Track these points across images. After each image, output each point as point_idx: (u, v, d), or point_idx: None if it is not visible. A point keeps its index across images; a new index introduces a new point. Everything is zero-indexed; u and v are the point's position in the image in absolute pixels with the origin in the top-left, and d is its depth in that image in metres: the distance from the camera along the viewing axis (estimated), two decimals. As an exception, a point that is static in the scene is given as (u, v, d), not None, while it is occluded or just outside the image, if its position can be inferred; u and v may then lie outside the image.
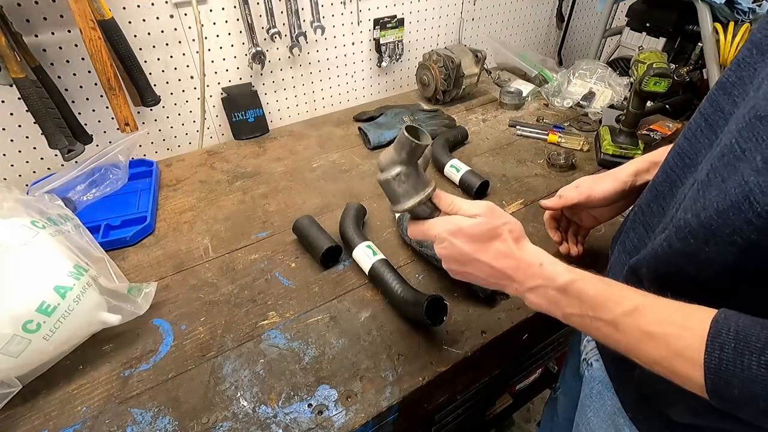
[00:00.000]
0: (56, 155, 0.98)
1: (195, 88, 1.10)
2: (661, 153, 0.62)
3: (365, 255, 0.73)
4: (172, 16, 0.99)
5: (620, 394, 0.54)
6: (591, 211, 0.70)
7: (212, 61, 1.09)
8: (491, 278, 0.48)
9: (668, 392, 0.45)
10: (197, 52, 1.03)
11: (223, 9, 1.03)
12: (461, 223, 0.49)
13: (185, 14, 1.00)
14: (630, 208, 0.59)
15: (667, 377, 0.37)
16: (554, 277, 0.45)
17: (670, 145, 0.61)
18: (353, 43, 1.27)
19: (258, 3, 1.05)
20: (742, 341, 0.32)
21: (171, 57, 1.03)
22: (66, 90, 0.94)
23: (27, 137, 0.96)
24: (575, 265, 0.45)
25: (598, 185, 0.65)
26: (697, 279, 0.39)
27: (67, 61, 0.93)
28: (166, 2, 0.97)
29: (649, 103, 1.03)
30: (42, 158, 1.00)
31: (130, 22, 0.95)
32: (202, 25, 1.01)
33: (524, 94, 1.30)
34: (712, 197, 0.36)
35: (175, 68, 1.05)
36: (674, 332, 0.36)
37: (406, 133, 0.47)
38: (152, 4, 0.96)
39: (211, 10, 1.02)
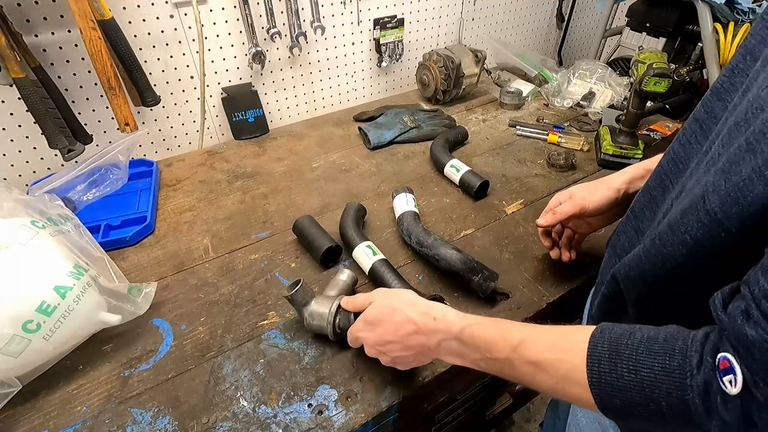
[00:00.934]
0: (56, 155, 0.98)
1: (195, 88, 1.10)
2: (656, 160, 0.62)
3: (365, 255, 0.73)
4: (172, 16, 0.99)
5: None
6: (586, 220, 0.70)
7: (212, 61, 1.09)
8: (415, 356, 0.50)
9: None
10: (197, 52, 1.03)
11: (223, 9, 1.03)
12: (362, 318, 0.54)
13: (185, 14, 1.00)
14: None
15: (570, 402, 0.39)
16: (449, 328, 0.47)
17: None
18: (353, 43, 1.27)
19: (258, 3, 1.05)
20: (614, 351, 0.34)
21: (171, 57, 1.03)
22: (66, 90, 0.94)
23: (27, 137, 0.96)
24: (563, 274, 0.47)
25: (592, 195, 0.64)
26: (654, 283, 0.40)
27: (67, 61, 0.93)
28: (166, 2, 0.97)
29: (649, 103, 1.03)
30: (42, 158, 1.00)
31: (130, 22, 0.95)
32: (202, 25, 1.01)
33: (524, 94, 1.30)
34: (683, 200, 0.37)
35: (175, 68, 1.05)
36: (558, 357, 0.38)
37: (284, 295, 0.62)
38: (152, 4, 0.96)
39: (211, 10, 1.02)
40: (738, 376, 0.28)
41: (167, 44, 1.02)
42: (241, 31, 1.08)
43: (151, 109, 1.07)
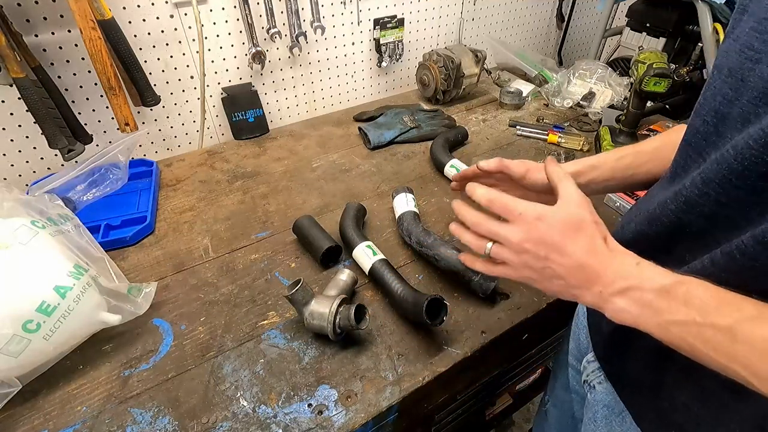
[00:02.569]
0: (56, 155, 0.98)
1: (195, 88, 1.10)
2: (605, 156, 0.58)
3: (365, 255, 0.73)
4: (172, 16, 0.99)
5: (640, 423, 0.49)
6: (521, 191, 0.62)
7: (212, 61, 1.09)
8: (571, 276, 0.41)
9: (707, 417, 0.40)
10: (197, 52, 1.03)
11: (223, 9, 1.03)
12: (547, 210, 0.43)
13: (185, 14, 1.00)
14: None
15: None
16: (653, 277, 0.38)
17: (631, 147, 0.58)
18: (353, 43, 1.27)
19: (258, 3, 1.05)
20: None
21: (171, 57, 1.03)
22: (66, 90, 0.94)
23: (27, 137, 0.96)
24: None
25: (537, 171, 0.58)
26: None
27: (67, 61, 0.93)
28: (166, 2, 0.97)
29: (649, 103, 1.03)
30: (42, 158, 1.00)
31: (130, 22, 0.95)
32: (202, 25, 1.01)
33: (524, 94, 1.30)
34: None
35: (175, 68, 1.05)
36: None
37: (285, 294, 0.63)
38: (152, 4, 0.96)
39: (211, 10, 1.02)
40: None
41: (167, 44, 1.02)
42: (241, 31, 1.08)
43: (151, 109, 1.07)
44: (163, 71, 1.04)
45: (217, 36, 1.06)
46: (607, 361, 0.55)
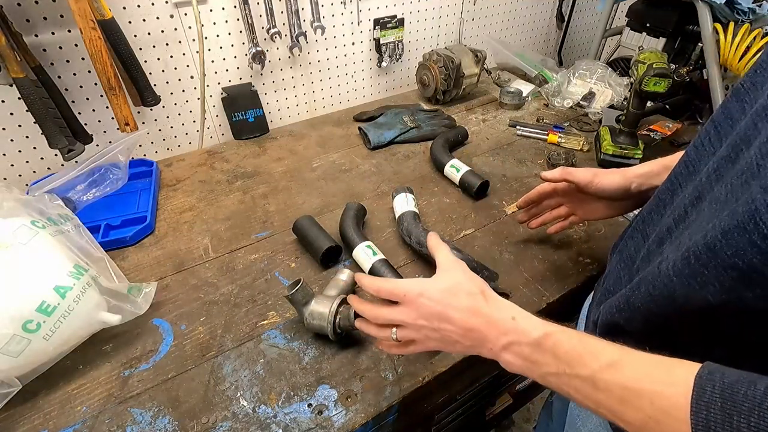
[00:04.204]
0: (56, 155, 0.98)
1: (195, 88, 1.10)
2: (675, 158, 0.60)
3: (365, 255, 0.73)
4: (172, 16, 0.99)
5: None
6: (588, 203, 0.68)
7: (212, 61, 1.09)
8: (465, 339, 0.45)
9: None
10: (197, 52, 1.03)
11: (223, 9, 1.03)
12: (426, 284, 0.47)
13: (185, 14, 1.00)
14: (634, 215, 0.57)
15: None
16: (527, 332, 0.42)
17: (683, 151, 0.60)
18: (353, 43, 1.27)
19: (258, 3, 1.04)
20: (729, 401, 0.29)
21: (171, 57, 1.03)
22: (66, 90, 0.94)
23: (27, 137, 0.96)
24: (563, 274, 0.44)
25: (605, 175, 0.63)
26: (684, 306, 0.37)
27: (67, 61, 0.93)
28: (166, 2, 0.97)
29: (649, 103, 1.03)
30: (42, 158, 1.00)
31: (130, 22, 0.95)
32: (202, 25, 1.01)
33: (524, 94, 1.30)
34: (723, 217, 0.33)
35: (175, 68, 1.05)
36: (657, 389, 0.32)
37: (285, 294, 0.63)
38: (152, 4, 0.96)
39: (211, 10, 1.02)
40: None
41: (167, 44, 1.02)
42: (241, 31, 1.08)
43: (151, 109, 1.07)
44: (163, 71, 1.04)
45: (217, 36, 1.06)
46: None
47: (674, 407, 0.31)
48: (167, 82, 1.06)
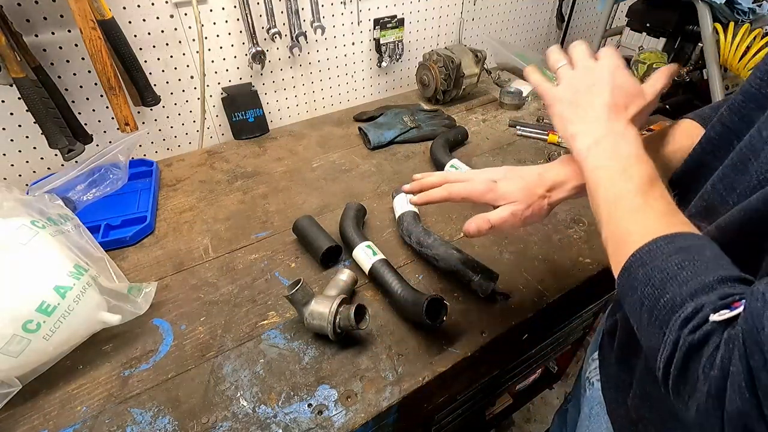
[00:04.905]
0: (56, 155, 0.98)
1: (195, 88, 1.10)
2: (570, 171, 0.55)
3: (365, 255, 0.73)
4: (172, 16, 0.99)
5: (612, 416, 0.53)
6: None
7: (212, 61, 1.09)
8: (614, 94, 0.46)
9: (655, 421, 0.43)
10: (197, 52, 1.03)
11: (223, 9, 1.03)
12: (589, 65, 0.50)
13: (185, 14, 1.00)
14: None
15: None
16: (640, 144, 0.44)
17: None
18: (353, 43, 1.27)
19: (258, 3, 1.05)
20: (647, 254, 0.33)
21: (171, 57, 1.03)
22: (66, 90, 0.94)
23: (27, 137, 0.96)
24: (563, 274, 0.44)
25: (537, 212, 0.53)
26: None
27: (67, 61, 0.93)
28: (166, 2, 0.97)
29: (649, 103, 1.03)
30: (42, 158, 1.00)
31: (130, 22, 0.95)
32: (202, 25, 1.01)
33: (524, 94, 1.30)
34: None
35: (175, 68, 1.05)
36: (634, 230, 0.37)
37: (285, 294, 0.63)
38: (152, 4, 0.96)
39: (211, 10, 1.02)
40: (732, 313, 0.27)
41: (167, 44, 1.02)
42: (241, 31, 1.08)
43: (151, 109, 1.07)
44: (163, 71, 1.04)
45: (217, 36, 1.06)
46: (601, 359, 0.58)
47: (626, 244, 0.36)
48: (167, 82, 1.06)
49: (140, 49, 0.98)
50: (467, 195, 0.55)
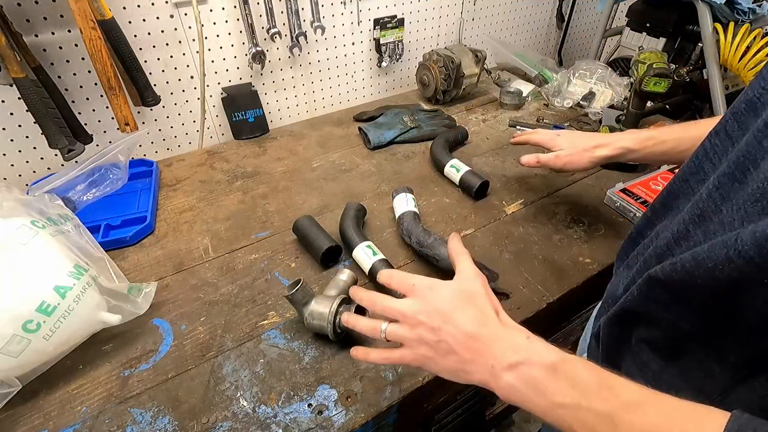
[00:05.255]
0: (56, 155, 0.98)
1: (195, 88, 1.10)
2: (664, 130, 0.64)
3: (365, 255, 0.73)
4: (172, 16, 0.99)
5: None
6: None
7: (212, 61, 1.09)
8: (463, 349, 0.40)
9: None
10: (197, 52, 1.03)
11: (223, 9, 1.03)
12: (440, 282, 0.44)
13: (185, 14, 1.00)
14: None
15: None
16: (542, 353, 0.37)
17: (667, 125, 0.62)
18: (353, 43, 1.27)
19: (258, 3, 1.05)
20: None
21: (171, 57, 1.03)
22: (66, 90, 0.94)
23: (27, 137, 0.96)
24: (563, 274, 0.42)
25: (575, 160, 0.73)
26: (703, 287, 0.34)
27: (67, 61, 0.93)
28: (166, 2, 0.97)
29: (649, 103, 1.03)
30: (42, 158, 1.00)
31: (130, 22, 0.95)
32: (202, 25, 1.01)
33: (524, 94, 1.30)
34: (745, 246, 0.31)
35: (175, 68, 1.05)
36: None
37: (285, 294, 0.63)
38: (152, 4, 0.96)
39: (211, 10, 1.02)
40: None
41: (167, 44, 1.02)
42: (241, 31, 1.08)
43: (151, 109, 1.07)
44: (163, 71, 1.04)
45: (217, 36, 1.06)
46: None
47: None
48: (167, 82, 1.06)
49: (140, 49, 0.98)
50: (539, 140, 0.83)
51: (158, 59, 1.02)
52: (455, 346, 0.40)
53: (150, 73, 0.99)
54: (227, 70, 1.12)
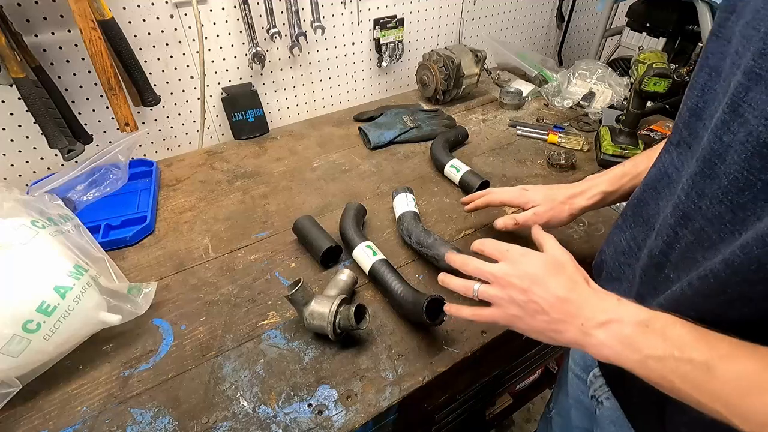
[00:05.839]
0: (56, 155, 0.98)
1: (195, 88, 1.10)
2: (629, 171, 0.63)
3: (365, 255, 0.73)
4: (172, 16, 0.99)
5: None
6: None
7: (212, 61, 1.09)
8: (554, 310, 0.42)
9: None
10: (197, 52, 1.03)
11: (223, 9, 1.03)
12: (532, 252, 0.47)
13: (185, 14, 1.00)
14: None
15: None
16: (633, 312, 0.38)
17: (641, 158, 0.62)
18: (353, 43, 1.27)
19: (258, 3, 1.05)
20: None
21: (171, 57, 1.03)
22: (66, 90, 0.94)
23: (27, 137, 0.96)
24: None
25: (557, 215, 0.67)
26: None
27: (67, 61, 0.93)
28: (166, 2, 0.97)
29: (649, 103, 1.03)
30: (42, 158, 1.00)
31: (130, 22, 0.95)
32: (202, 25, 1.01)
33: (524, 94, 1.30)
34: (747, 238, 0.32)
35: (175, 68, 1.05)
36: None
37: (285, 294, 0.63)
38: (152, 4, 0.96)
39: (211, 10, 1.02)
40: None
41: (167, 44, 1.02)
42: (241, 31, 1.08)
43: (151, 109, 1.07)
44: (163, 71, 1.04)
45: (217, 36, 1.06)
46: (613, 378, 0.55)
47: None
48: (167, 82, 1.06)
49: (140, 49, 0.98)
50: (504, 199, 0.73)
51: (158, 59, 1.02)
52: (546, 307, 0.42)
53: (150, 73, 0.99)
54: (227, 70, 1.12)
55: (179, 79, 1.07)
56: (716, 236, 0.35)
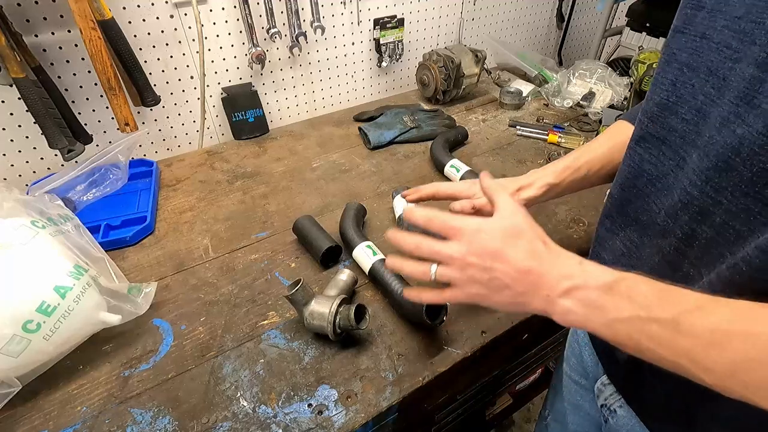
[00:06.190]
0: (56, 155, 0.98)
1: (195, 88, 1.10)
2: (573, 162, 0.62)
3: (365, 255, 0.73)
4: (172, 16, 0.99)
5: None
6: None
7: (212, 61, 1.09)
8: (517, 283, 0.41)
9: None
10: (197, 52, 1.03)
11: (223, 9, 1.03)
12: (484, 221, 0.44)
13: (185, 14, 1.00)
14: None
15: (743, 393, 0.30)
16: (596, 275, 0.38)
17: (584, 153, 0.62)
18: (353, 43, 1.27)
19: (258, 3, 1.05)
20: None
21: (171, 57, 1.03)
22: (66, 90, 0.94)
23: (27, 137, 0.96)
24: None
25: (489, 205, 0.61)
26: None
27: (67, 61, 0.93)
28: (166, 2, 0.97)
29: (649, 103, 1.03)
30: (42, 158, 1.00)
31: (130, 22, 0.95)
32: (202, 25, 1.01)
33: (524, 94, 1.30)
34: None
35: (175, 68, 1.05)
36: (756, 329, 0.29)
37: (285, 294, 0.63)
38: (152, 4, 0.96)
39: (211, 10, 1.02)
40: None
41: (167, 44, 1.02)
42: (241, 31, 1.08)
43: (151, 109, 1.07)
44: (163, 71, 1.04)
45: (217, 36, 1.06)
46: (626, 386, 0.53)
47: None
48: (167, 82, 1.06)
49: (140, 49, 0.98)
50: (453, 191, 0.67)
51: (158, 59, 1.02)
52: (509, 282, 0.41)
53: (150, 73, 0.99)
54: (227, 70, 1.12)
55: (179, 79, 1.07)
56: (745, 229, 0.34)
